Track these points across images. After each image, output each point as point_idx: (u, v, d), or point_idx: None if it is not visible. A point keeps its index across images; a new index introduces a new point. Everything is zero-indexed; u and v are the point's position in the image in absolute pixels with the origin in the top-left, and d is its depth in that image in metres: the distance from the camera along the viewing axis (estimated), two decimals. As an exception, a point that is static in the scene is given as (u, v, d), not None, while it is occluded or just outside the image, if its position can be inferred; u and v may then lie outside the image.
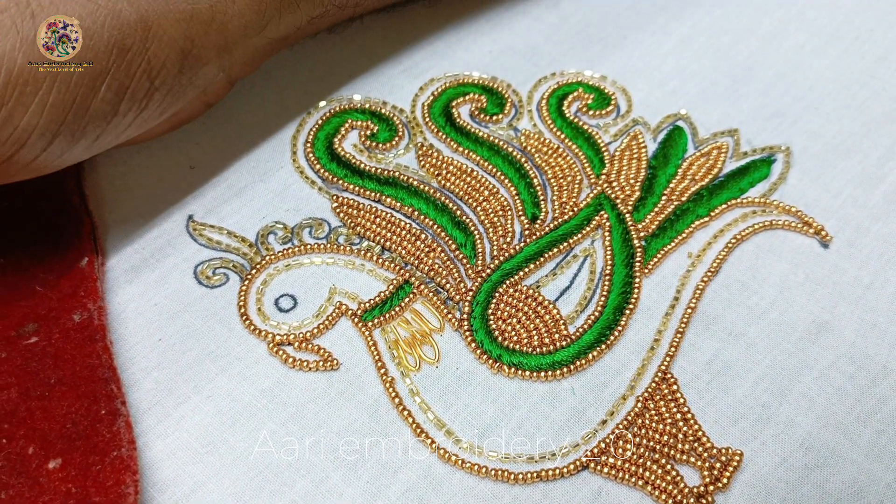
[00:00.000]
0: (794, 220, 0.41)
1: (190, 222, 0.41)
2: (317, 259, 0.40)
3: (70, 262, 0.38)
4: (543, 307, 0.39)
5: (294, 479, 0.34)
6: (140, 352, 0.37)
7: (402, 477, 0.35)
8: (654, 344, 0.38)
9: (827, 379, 0.37)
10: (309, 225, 0.41)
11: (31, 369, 0.35)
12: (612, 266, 0.40)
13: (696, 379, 0.37)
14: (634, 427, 0.36)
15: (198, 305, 0.39)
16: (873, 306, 0.39)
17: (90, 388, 0.35)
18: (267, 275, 0.40)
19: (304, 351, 0.37)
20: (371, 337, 0.38)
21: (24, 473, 0.32)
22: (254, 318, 0.38)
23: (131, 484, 0.33)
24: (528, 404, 0.36)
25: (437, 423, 0.36)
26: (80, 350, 0.36)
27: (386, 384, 0.37)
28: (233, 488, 0.34)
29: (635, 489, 0.35)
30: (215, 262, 0.40)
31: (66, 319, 0.36)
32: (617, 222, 0.41)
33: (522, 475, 0.34)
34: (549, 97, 0.46)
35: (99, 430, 0.34)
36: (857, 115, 0.46)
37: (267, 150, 0.44)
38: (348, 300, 0.39)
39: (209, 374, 0.37)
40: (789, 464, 0.35)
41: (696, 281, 0.40)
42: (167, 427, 0.35)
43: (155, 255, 0.40)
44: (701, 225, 0.41)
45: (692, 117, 0.45)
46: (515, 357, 0.37)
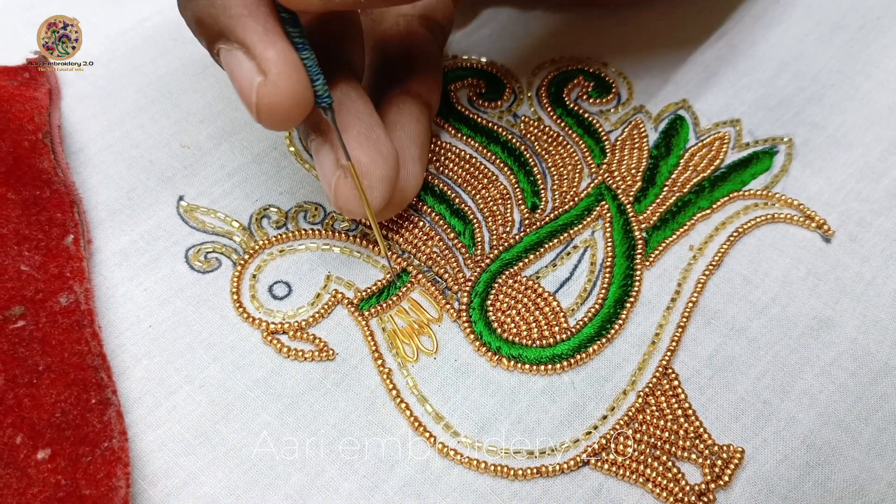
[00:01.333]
0: (797, 214, 0.41)
1: (180, 204, 0.40)
2: (312, 245, 0.39)
3: (55, 240, 0.37)
4: (543, 299, 0.38)
5: (289, 472, 0.34)
6: (130, 338, 0.37)
7: (400, 471, 0.34)
8: (655, 338, 0.37)
9: (829, 376, 0.37)
10: (304, 209, 0.40)
11: (19, 355, 0.34)
12: (612, 258, 0.39)
13: (697, 374, 0.37)
14: (635, 423, 0.35)
15: (189, 291, 0.38)
16: (876, 302, 0.39)
17: (79, 376, 0.34)
18: (261, 260, 0.39)
19: (299, 340, 0.37)
20: (368, 326, 0.37)
21: (11, 464, 0.32)
22: (247, 306, 0.37)
23: (122, 476, 0.32)
24: (527, 398, 0.36)
25: (435, 416, 0.35)
26: (68, 336, 0.35)
27: (383, 375, 0.36)
28: (226, 481, 0.33)
29: (636, 486, 0.34)
30: (207, 247, 0.39)
31: (53, 302, 0.35)
32: (618, 213, 0.40)
33: (522, 471, 0.34)
34: (549, 83, 0.45)
35: (89, 419, 0.33)
36: (861, 106, 0.45)
37: (260, 130, 0.43)
38: (344, 288, 0.38)
39: (201, 363, 0.36)
40: (791, 461, 0.35)
41: (697, 274, 0.39)
42: (158, 417, 0.35)
43: (144, 238, 0.39)
44: (703, 217, 0.41)
45: (694, 106, 0.45)
46: (515, 349, 0.37)
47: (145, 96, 0.44)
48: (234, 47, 0.30)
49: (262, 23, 0.30)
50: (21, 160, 0.39)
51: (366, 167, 0.34)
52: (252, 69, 0.30)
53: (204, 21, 0.31)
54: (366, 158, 0.34)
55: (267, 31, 0.30)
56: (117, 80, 0.45)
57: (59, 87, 0.44)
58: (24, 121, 0.40)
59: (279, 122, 0.31)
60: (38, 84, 0.42)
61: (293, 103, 0.31)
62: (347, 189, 0.34)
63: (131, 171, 0.41)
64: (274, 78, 0.30)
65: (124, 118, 0.43)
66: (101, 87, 0.44)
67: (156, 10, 0.48)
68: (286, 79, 0.30)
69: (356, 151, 0.34)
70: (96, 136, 0.43)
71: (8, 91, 0.41)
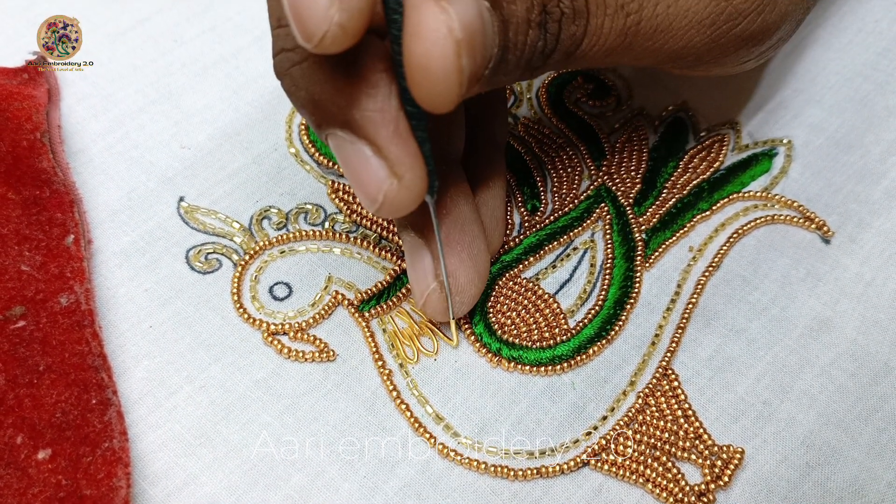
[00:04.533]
0: (796, 215, 0.41)
1: (181, 205, 0.40)
2: (312, 246, 0.39)
3: (55, 240, 0.37)
4: (543, 300, 0.38)
5: (289, 472, 0.34)
6: (130, 339, 0.37)
7: (400, 472, 0.34)
8: (655, 339, 0.37)
9: (828, 376, 0.37)
10: (304, 210, 0.40)
11: (19, 355, 0.34)
12: (612, 259, 0.39)
13: (697, 375, 0.37)
14: (635, 423, 0.35)
15: (190, 292, 0.38)
16: (875, 303, 0.39)
17: (80, 377, 0.34)
18: (261, 261, 0.39)
19: (300, 341, 0.37)
20: (368, 328, 0.37)
21: (12, 464, 0.32)
22: (248, 307, 0.37)
23: (123, 477, 0.32)
24: (528, 399, 0.36)
25: (435, 417, 0.35)
26: (69, 336, 0.35)
27: (384, 376, 0.36)
28: (227, 481, 0.33)
29: (636, 486, 0.34)
30: (207, 248, 0.39)
31: (54, 303, 0.35)
32: (618, 215, 0.41)
33: (522, 471, 0.34)
34: (549, 85, 0.45)
35: (90, 420, 0.33)
36: (860, 108, 0.45)
37: (260, 131, 0.43)
38: (345, 289, 0.38)
39: (202, 364, 0.36)
40: (790, 462, 0.35)
41: (697, 275, 0.39)
42: (159, 417, 0.35)
43: (145, 238, 0.39)
44: (702, 219, 0.41)
45: (693, 109, 0.45)
46: (515, 351, 0.37)
47: (146, 97, 0.44)
48: (359, 142, 0.29)
49: (394, 119, 0.28)
50: (20, 160, 0.39)
51: (462, 286, 0.35)
52: (381, 169, 0.29)
53: (325, 107, 0.29)
54: (464, 279, 0.35)
55: (399, 132, 0.28)
56: (118, 80, 0.45)
57: (59, 87, 0.44)
58: (22, 120, 0.40)
59: (394, 215, 0.31)
60: (36, 84, 0.42)
61: (417, 203, 0.30)
62: (438, 302, 0.35)
63: (132, 172, 0.41)
64: (408, 183, 0.29)
65: (124, 119, 0.43)
66: (101, 87, 0.44)
67: (156, 10, 0.48)
68: (419, 183, 0.29)
69: (456, 269, 0.34)
70: (97, 136, 0.43)
71: (6, 90, 0.41)
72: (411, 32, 0.25)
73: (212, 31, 0.47)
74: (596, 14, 0.30)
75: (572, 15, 0.29)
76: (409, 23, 0.25)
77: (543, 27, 0.29)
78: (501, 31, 0.27)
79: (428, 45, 0.25)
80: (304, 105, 0.30)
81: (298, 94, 0.30)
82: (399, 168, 0.29)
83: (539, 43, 0.29)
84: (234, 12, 0.48)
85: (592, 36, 0.30)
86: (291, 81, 0.29)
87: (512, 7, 0.28)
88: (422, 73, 0.26)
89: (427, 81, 0.26)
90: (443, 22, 0.25)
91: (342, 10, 0.24)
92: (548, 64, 0.30)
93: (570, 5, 0.29)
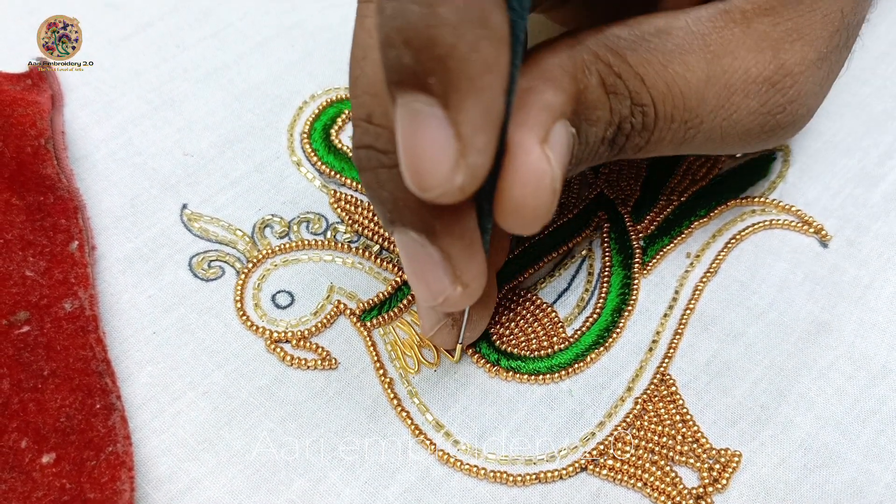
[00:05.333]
0: (794, 220, 0.41)
1: (184, 212, 0.41)
2: (315, 256, 0.40)
3: (60, 245, 0.38)
4: (542, 310, 0.38)
5: (291, 477, 0.34)
6: (134, 345, 0.37)
7: (401, 478, 0.34)
8: (653, 345, 0.38)
9: (826, 379, 0.37)
10: (306, 219, 0.41)
11: (24, 360, 0.34)
12: (610, 267, 0.40)
13: (694, 380, 0.37)
14: (633, 428, 0.36)
15: (193, 298, 0.38)
16: (873, 306, 0.39)
17: (84, 382, 0.34)
18: (264, 270, 0.39)
19: (302, 349, 0.37)
20: (370, 337, 0.37)
21: (17, 468, 0.32)
22: (251, 314, 0.38)
23: (127, 481, 0.32)
24: (526, 406, 0.36)
25: (435, 425, 0.35)
26: (73, 341, 0.35)
27: (385, 385, 0.36)
28: (229, 486, 0.34)
29: (634, 490, 0.34)
30: (211, 255, 0.39)
31: (58, 308, 0.36)
32: (616, 223, 0.41)
33: (521, 477, 0.34)
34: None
35: (94, 424, 0.33)
36: (858, 112, 0.45)
37: (262, 139, 0.44)
38: (347, 299, 0.38)
39: (205, 370, 0.36)
40: (788, 464, 0.35)
41: (694, 281, 0.39)
42: (162, 423, 0.35)
43: (148, 245, 0.40)
44: (700, 225, 0.41)
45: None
46: (513, 361, 0.37)
47: (148, 103, 0.45)
48: (431, 247, 0.29)
49: (471, 235, 0.29)
50: (25, 166, 0.39)
51: (474, 322, 0.35)
52: (448, 276, 0.29)
53: (405, 211, 0.28)
54: (476, 315, 0.35)
55: (473, 247, 0.29)
56: (120, 86, 0.45)
57: (62, 92, 0.44)
58: (27, 126, 0.40)
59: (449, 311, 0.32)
60: (40, 89, 0.42)
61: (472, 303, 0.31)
62: (448, 336, 0.36)
63: (135, 179, 0.42)
64: (471, 292, 0.30)
65: (127, 125, 0.44)
66: (103, 93, 0.45)
67: (157, 16, 0.48)
68: (480, 291, 0.30)
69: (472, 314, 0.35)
70: (99, 142, 0.43)
71: (10, 95, 0.41)
72: (513, 177, 0.26)
73: (214, 37, 0.48)
74: (661, 128, 0.31)
75: (640, 129, 0.31)
76: (512, 165, 0.25)
77: (613, 141, 0.31)
78: (579, 151, 0.29)
79: (528, 192, 0.26)
80: (384, 203, 0.29)
81: (380, 193, 0.29)
82: (466, 277, 0.29)
83: (605, 153, 0.31)
84: (236, 17, 0.49)
85: (652, 145, 0.32)
86: (376, 180, 0.29)
87: (593, 129, 0.29)
88: (515, 213, 0.26)
89: (520, 219, 0.26)
90: (546, 173, 0.26)
91: (467, 174, 0.24)
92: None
93: (640, 121, 0.30)
